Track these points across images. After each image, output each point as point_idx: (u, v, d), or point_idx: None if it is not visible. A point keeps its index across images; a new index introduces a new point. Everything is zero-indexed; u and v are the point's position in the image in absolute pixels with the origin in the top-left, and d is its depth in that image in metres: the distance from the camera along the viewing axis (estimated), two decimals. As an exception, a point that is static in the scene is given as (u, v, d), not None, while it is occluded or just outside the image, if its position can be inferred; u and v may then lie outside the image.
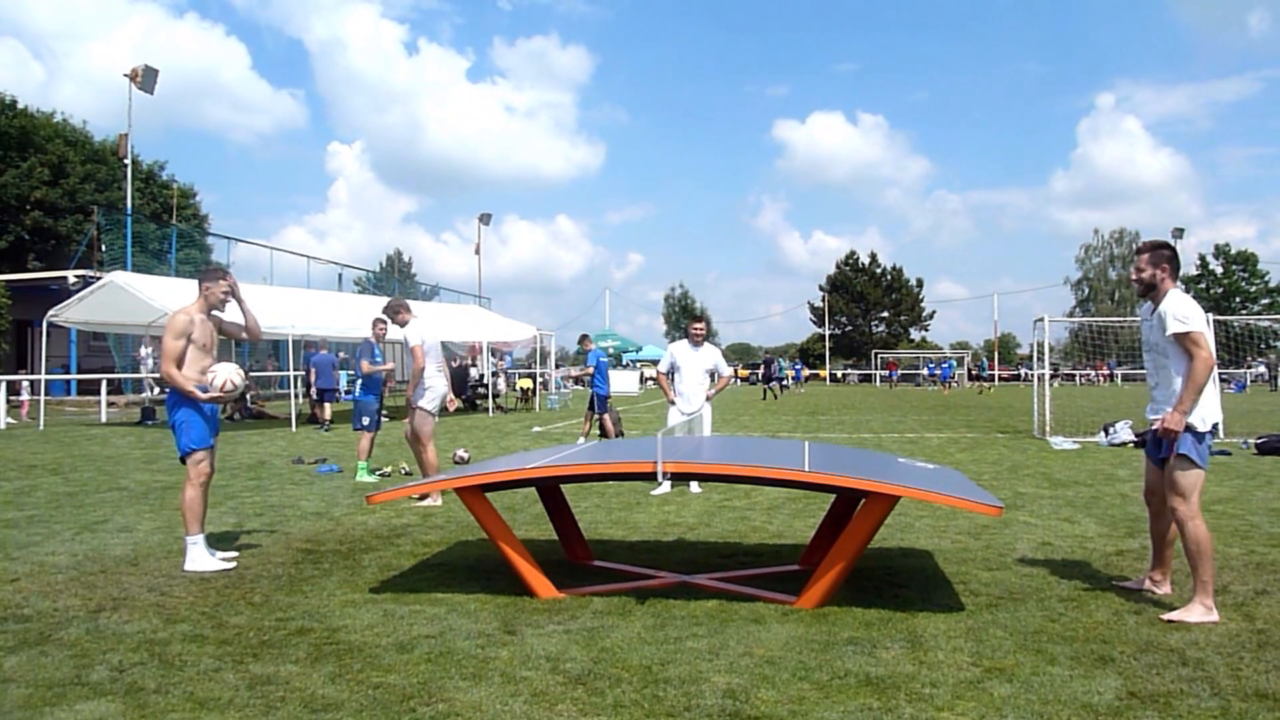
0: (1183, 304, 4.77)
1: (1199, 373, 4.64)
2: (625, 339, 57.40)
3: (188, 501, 5.88)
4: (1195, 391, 4.64)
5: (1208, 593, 4.62)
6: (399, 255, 71.00)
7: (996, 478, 10.36)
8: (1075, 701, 3.49)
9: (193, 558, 5.79)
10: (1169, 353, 4.80)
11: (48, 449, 14.14)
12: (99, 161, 38.83)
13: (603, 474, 6.03)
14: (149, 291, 18.62)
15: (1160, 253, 4.95)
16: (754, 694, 3.57)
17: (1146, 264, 4.93)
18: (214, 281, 6.18)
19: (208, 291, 6.14)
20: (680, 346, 9.47)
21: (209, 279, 6.21)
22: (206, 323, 6.10)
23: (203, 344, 6.02)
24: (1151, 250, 4.97)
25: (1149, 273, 4.91)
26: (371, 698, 3.55)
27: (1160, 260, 4.92)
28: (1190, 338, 4.67)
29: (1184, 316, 4.70)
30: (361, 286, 50.75)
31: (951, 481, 5.35)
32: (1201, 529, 4.65)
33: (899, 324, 77.69)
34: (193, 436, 5.94)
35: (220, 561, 5.85)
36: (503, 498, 7.73)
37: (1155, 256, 4.93)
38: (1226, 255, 71.60)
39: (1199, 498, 4.72)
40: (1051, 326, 17.87)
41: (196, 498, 5.90)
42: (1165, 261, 4.92)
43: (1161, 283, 4.90)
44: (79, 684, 3.69)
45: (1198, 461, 4.68)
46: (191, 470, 5.94)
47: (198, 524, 5.86)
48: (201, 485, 5.93)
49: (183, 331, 5.93)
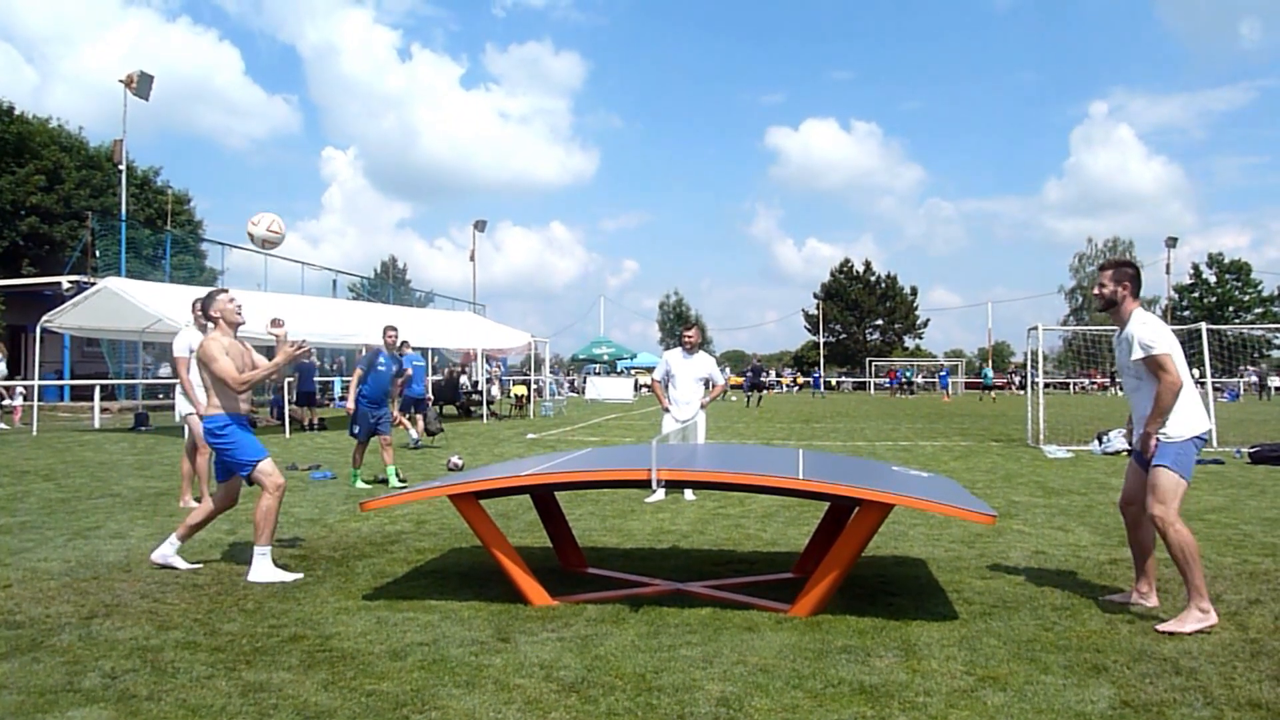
0: (1148, 327, 4.82)
1: (1164, 396, 4.69)
2: (620, 346, 57.36)
3: (264, 511, 5.68)
4: (1161, 413, 4.71)
5: (1202, 596, 4.59)
6: (393, 262, 71.09)
7: (990, 486, 10.37)
8: (1069, 711, 3.50)
9: (259, 569, 5.63)
10: (1140, 374, 4.86)
11: (40, 455, 14.09)
12: (94, 167, 38.77)
13: (597, 481, 6.04)
14: (143, 297, 18.59)
15: (1123, 270, 5.02)
16: (748, 702, 3.57)
17: (1109, 280, 5.00)
18: (214, 303, 5.98)
19: (219, 314, 5.94)
20: (674, 354, 9.48)
21: (210, 303, 6.02)
22: (235, 344, 5.92)
23: (239, 367, 5.84)
24: (1115, 268, 5.04)
25: (1110, 289, 4.98)
26: (365, 705, 3.54)
27: (1123, 278, 4.98)
28: (1156, 360, 4.71)
29: (1150, 341, 4.74)
30: (356, 293, 50.79)
31: (945, 490, 5.36)
32: (1183, 534, 4.63)
33: (893, 332, 77.92)
34: (249, 452, 5.78)
35: (285, 574, 5.68)
36: (497, 505, 7.73)
37: (1118, 274, 4.99)
38: (1220, 264, 71.88)
39: (1178, 505, 4.71)
40: (1045, 335, 17.87)
41: (274, 507, 5.73)
42: (1128, 279, 4.99)
43: (1123, 300, 4.96)
44: (71, 691, 3.68)
45: (1176, 470, 4.69)
46: (266, 482, 5.75)
47: (270, 535, 5.70)
48: (278, 493, 5.77)
49: (221, 352, 5.75)
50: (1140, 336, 4.78)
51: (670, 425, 9.12)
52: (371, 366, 10.45)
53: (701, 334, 9.86)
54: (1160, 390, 4.70)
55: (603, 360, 54.96)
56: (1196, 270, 72.78)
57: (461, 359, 30.11)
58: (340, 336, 21.59)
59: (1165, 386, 4.68)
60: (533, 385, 29.77)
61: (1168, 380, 4.68)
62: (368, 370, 10.45)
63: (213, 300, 6.06)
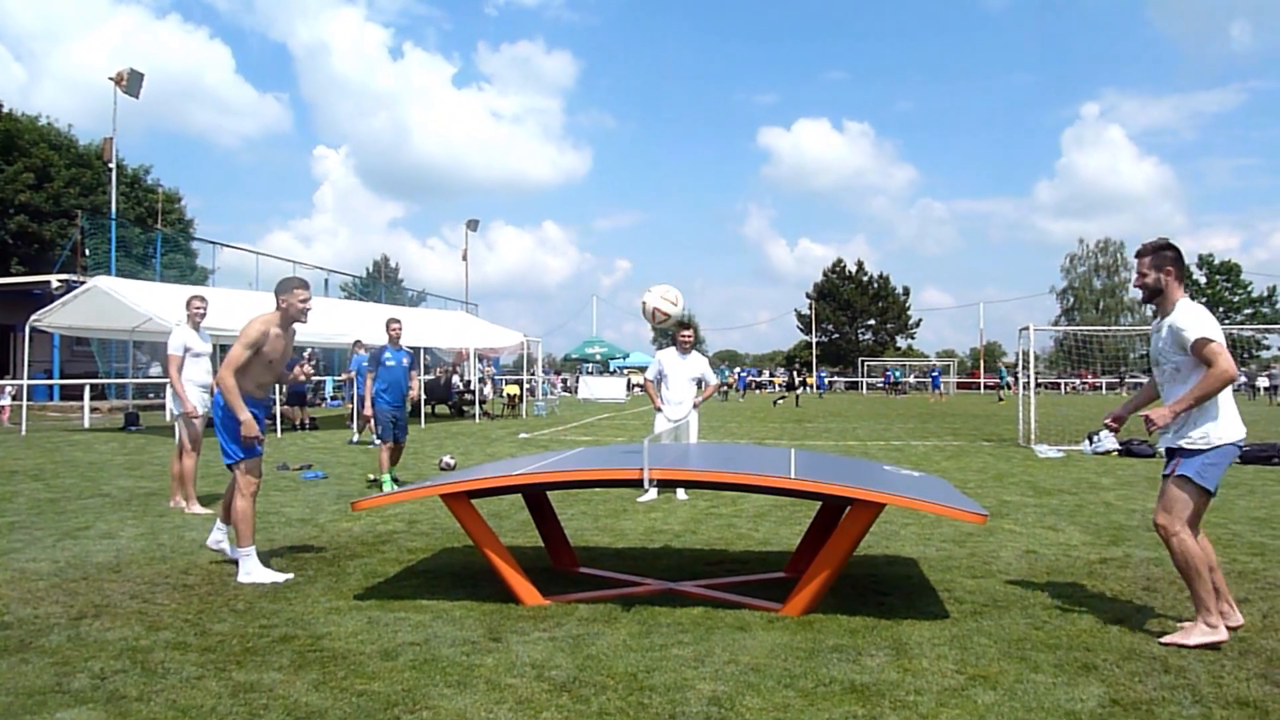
0: (1197, 315, 4.35)
1: (1211, 384, 4.23)
2: (613, 345, 57.37)
3: (240, 513, 5.69)
4: (1199, 397, 4.26)
5: (1209, 610, 4.31)
6: (385, 261, 70.93)
7: (981, 486, 10.40)
8: (1058, 709, 3.51)
9: (247, 569, 5.60)
10: (1182, 364, 4.39)
11: (30, 455, 14.02)
12: (84, 165, 38.64)
13: (589, 481, 6.03)
14: (133, 296, 18.51)
15: (1163, 254, 4.48)
16: (739, 701, 3.57)
17: (1148, 267, 4.50)
18: (289, 291, 5.84)
19: (286, 303, 5.83)
20: (668, 354, 9.49)
21: (286, 289, 5.86)
22: (281, 337, 5.83)
23: (269, 360, 5.78)
24: (1154, 252, 4.51)
25: (1152, 277, 4.48)
26: (356, 705, 3.53)
27: (1163, 263, 4.46)
28: (1211, 350, 4.24)
29: (1202, 330, 4.26)
30: (348, 292, 50.63)
31: (936, 489, 5.37)
32: (1188, 544, 4.32)
33: (885, 332, 78.08)
34: (239, 447, 5.75)
35: (276, 574, 5.65)
36: (489, 504, 7.72)
37: (1157, 259, 4.48)
38: (1210, 266, 72.34)
39: (1190, 516, 4.35)
40: (1037, 335, 17.93)
41: (248, 509, 5.72)
42: (1169, 264, 4.46)
43: (1168, 288, 4.47)
44: (60, 692, 3.66)
45: (1198, 481, 4.31)
46: (241, 481, 5.75)
47: (251, 534, 5.69)
48: (252, 495, 5.77)
49: (255, 343, 5.66)
50: (1189, 325, 4.31)
51: (663, 425, 9.12)
52: (378, 363, 10.05)
53: (695, 334, 9.83)
54: (1208, 379, 4.24)
55: (595, 360, 54.95)
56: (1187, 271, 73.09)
57: (454, 358, 30.06)
58: (332, 336, 21.52)
59: (1214, 377, 4.22)
60: (525, 385, 29.75)
61: (1216, 372, 4.22)
62: (375, 367, 10.06)
63: (286, 286, 5.89)
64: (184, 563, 6.07)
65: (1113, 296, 77.84)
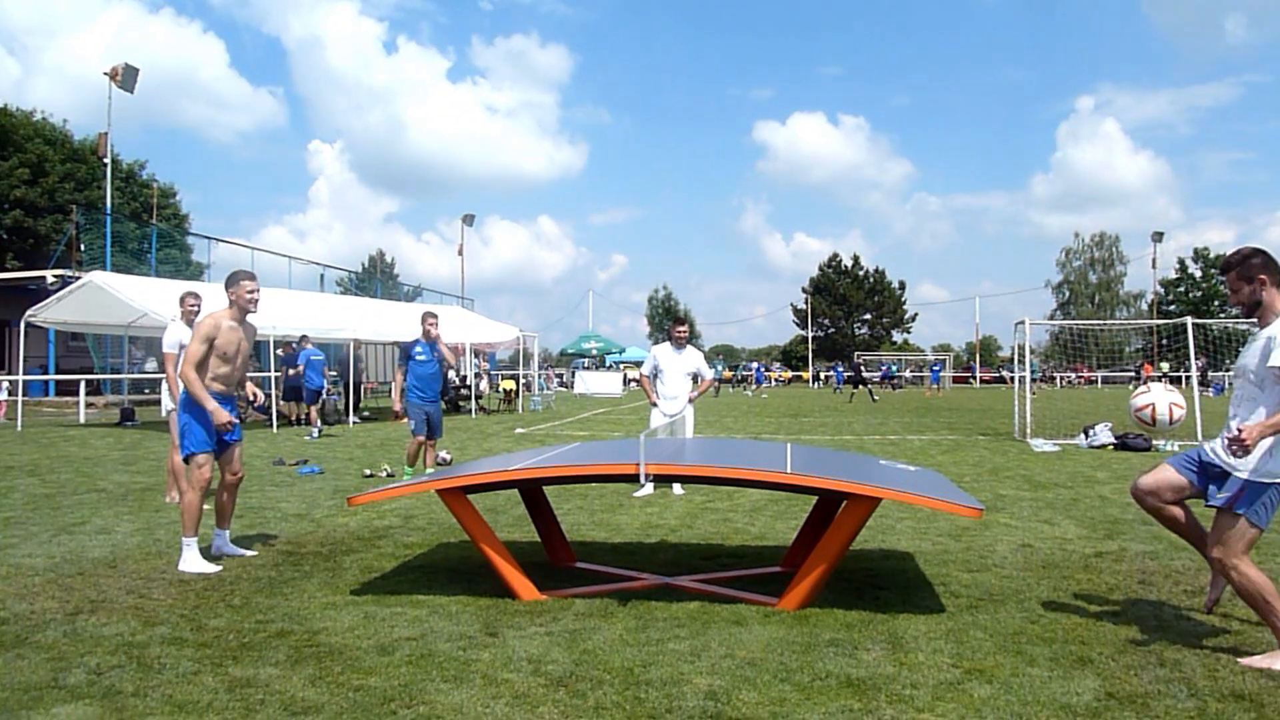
0: None
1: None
2: (608, 340, 57.38)
3: (186, 504, 5.86)
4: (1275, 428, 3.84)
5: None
6: (381, 256, 70.84)
7: (977, 480, 10.42)
8: (1054, 702, 3.52)
9: (186, 559, 5.77)
10: (1264, 383, 4.00)
11: (25, 450, 14.00)
12: (78, 160, 38.56)
13: (585, 476, 6.03)
14: (128, 292, 18.48)
15: (1250, 263, 4.07)
16: (735, 695, 3.58)
17: (1238, 280, 4.09)
18: (237, 284, 6.03)
19: (234, 295, 6.02)
20: (663, 349, 9.49)
21: (233, 281, 6.06)
22: (235, 330, 5.99)
23: (223, 352, 5.93)
24: (1240, 263, 4.10)
25: (1245, 290, 4.07)
26: (352, 700, 3.53)
27: (1253, 271, 4.04)
28: None
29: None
30: (344, 287, 50.56)
31: (932, 484, 5.38)
32: (1249, 574, 3.97)
33: (881, 326, 78.13)
34: (193, 440, 5.91)
35: (210, 565, 5.79)
36: (485, 499, 7.71)
37: (1246, 269, 4.07)
38: (1205, 259, 72.37)
39: (1244, 547, 4.02)
40: (1032, 329, 17.96)
41: (194, 501, 5.85)
42: (1261, 271, 4.04)
43: (1268, 297, 4.04)
44: (56, 687, 3.66)
45: (1251, 520, 3.98)
46: (192, 473, 5.93)
47: (194, 527, 5.83)
48: (200, 489, 5.89)
49: (208, 336, 5.85)
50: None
51: (659, 419, 9.12)
52: (408, 357, 9.93)
53: (691, 329, 9.81)
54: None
55: (591, 355, 54.95)
56: (1182, 265, 73.33)
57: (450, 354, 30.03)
58: (328, 331, 21.51)
59: None
60: (521, 380, 29.75)
61: None
62: (404, 362, 9.94)
63: (235, 280, 6.08)
64: (180, 558, 6.06)
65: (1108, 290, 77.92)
